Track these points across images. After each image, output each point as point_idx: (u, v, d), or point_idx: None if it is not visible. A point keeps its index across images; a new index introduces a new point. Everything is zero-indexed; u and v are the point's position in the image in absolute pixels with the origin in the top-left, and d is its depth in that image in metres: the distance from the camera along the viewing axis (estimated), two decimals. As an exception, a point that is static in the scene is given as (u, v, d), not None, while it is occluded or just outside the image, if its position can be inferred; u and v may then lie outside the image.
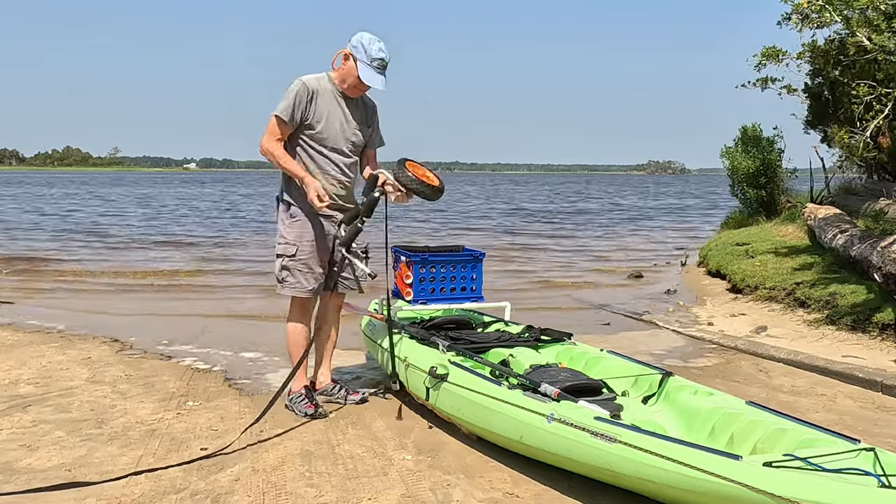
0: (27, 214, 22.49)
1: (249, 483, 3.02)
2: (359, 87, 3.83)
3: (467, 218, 22.78)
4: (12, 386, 4.41)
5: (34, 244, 13.67)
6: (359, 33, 3.79)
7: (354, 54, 3.75)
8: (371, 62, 3.73)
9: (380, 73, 3.77)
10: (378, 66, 3.75)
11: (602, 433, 2.69)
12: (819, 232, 8.02)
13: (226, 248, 13.52)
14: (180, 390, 4.36)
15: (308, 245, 3.86)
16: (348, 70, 3.78)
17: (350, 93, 3.87)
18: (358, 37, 3.77)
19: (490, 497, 2.91)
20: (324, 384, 4.17)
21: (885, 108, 6.84)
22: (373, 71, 3.74)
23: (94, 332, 6.04)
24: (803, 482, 2.19)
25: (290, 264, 3.86)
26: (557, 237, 16.24)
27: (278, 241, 3.93)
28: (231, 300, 7.92)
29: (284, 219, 3.91)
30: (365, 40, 3.74)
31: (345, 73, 3.81)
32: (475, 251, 4.58)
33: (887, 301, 5.51)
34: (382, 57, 3.75)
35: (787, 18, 7.52)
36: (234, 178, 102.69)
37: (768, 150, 11.93)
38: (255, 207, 27.38)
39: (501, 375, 3.48)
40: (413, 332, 4.10)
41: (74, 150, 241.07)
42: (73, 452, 3.36)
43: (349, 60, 3.77)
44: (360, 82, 3.78)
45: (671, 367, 4.51)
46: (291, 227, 3.88)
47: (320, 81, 3.84)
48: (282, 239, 3.90)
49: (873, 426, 3.77)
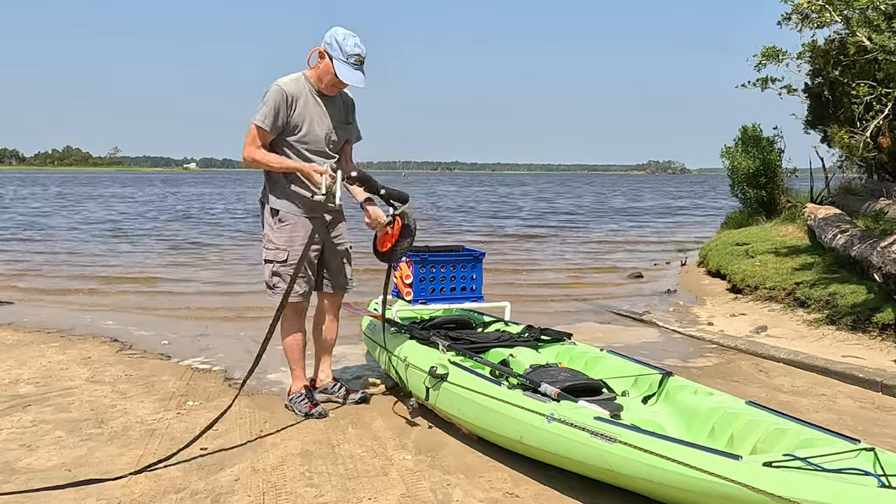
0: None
1: (249, 483, 3.02)
2: (337, 85, 3.72)
3: (467, 218, 22.77)
4: (12, 386, 4.41)
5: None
6: (332, 29, 3.66)
7: (329, 52, 3.63)
8: (347, 59, 3.60)
9: (357, 70, 3.64)
10: (355, 62, 3.62)
11: (602, 433, 2.69)
12: (819, 232, 8.02)
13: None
14: (180, 390, 4.36)
15: (298, 249, 3.79)
16: (325, 68, 3.66)
17: (328, 91, 3.76)
18: (332, 33, 3.64)
19: (490, 497, 2.91)
20: (324, 382, 4.16)
21: (885, 108, 6.84)
22: (350, 68, 3.62)
23: (94, 332, 6.04)
24: (803, 482, 2.19)
25: (282, 270, 3.79)
26: (557, 237, 16.24)
27: (266, 246, 3.84)
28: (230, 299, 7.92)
29: (272, 224, 3.82)
30: (339, 36, 3.61)
31: (321, 72, 3.70)
32: (475, 251, 4.58)
33: (887, 301, 5.51)
34: (359, 52, 3.61)
35: (787, 18, 7.52)
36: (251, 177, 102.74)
37: (768, 149, 11.93)
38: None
39: (501, 375, 3.48)
40: (413, 332, 4.11)
41: (74, 150, 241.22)
42: (73, 452, 3.36)
43: (325, 58, 3.65)
44: (337, 80, 3.66)
45: (671, 367, 4.51)
46: (281, 232, 3.80)
47: (298, 83, 3.72)
48: (270, 244, 3.82)
49: (873, 426, 3.77)
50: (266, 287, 3.88)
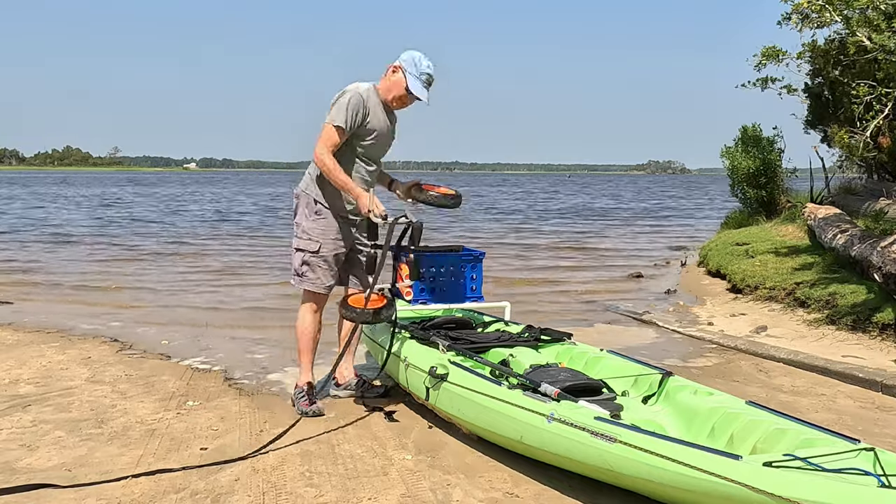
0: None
1: (249, 483, 3.02)
2: (404, 99, 3.95)
3: (466, 217, 22.76)
4: (12, 386, 4.41)
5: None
6: (408, 51, 3.95)
7: (405, 67, 3.89)
8: (420, 76, 3.89)
9: (426, 88, 3.93)
10: (425, 81, 3.91)
11: (602, 433, 2.69)
12: (819, 232, 8.02)
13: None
14: (180, 390, 4.37)
15: (331, 243, 3.96)
16: (395, 82, 3.91)
17: (394, 105, 3.99)
18: (409, 53, 3.93)
19: (490, 497, 2.91)
20: (347, 379, 4.25)
21: (885, 108, 6.84)
22: (421, 84, 3.90)
23: (94, 331, 6.04)
24: (803, 482, 2.19)
25: (312, 260, 3.95)
26: (557, 236, 16.24)
27: (299, 235, 4.00)
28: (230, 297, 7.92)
29: (308, 214, 3.98)
30: (416, 56, 3.91)
31: (391, 85, 3.93)
32: (475, 251, 4.58)
33: (887, 301, 5.51)
34: (430, 73, 3.92)
35: (787, 18, 7.52)
36: (265, 177, 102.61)
37: (768, 149, 11.93)
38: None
39: (501, 375, 3.48)
40: (413, 332, 4.11)
41: (74, 149, 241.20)
42: (73, 452, 3.36)
43: (397, 73, 3.91)
44: (407, 94, 3.91)
45: (671, 367, 4.51)
46: (316, 223, 3.96)
47: (370, 92, 3.94)
48: (304, 234, 3.98)
49: (873, 426, 3.78)
50: (294, 274, 4.03)
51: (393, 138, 4.14)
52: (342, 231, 4.00)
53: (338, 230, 3.98)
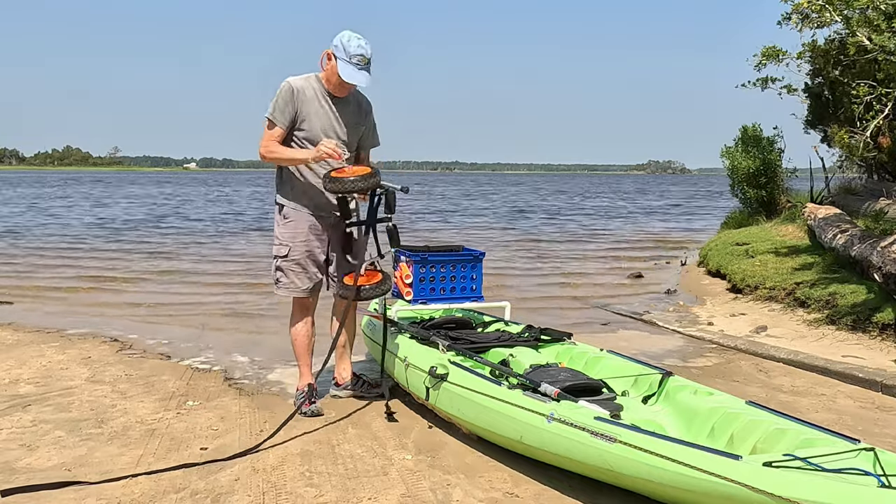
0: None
1: (249, 483, 3.02)
2: (343, 85, 3.83)
3: (466, 217, 22.77)
4: (12, 385, 4.41)
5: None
6: (340, 33, 3.79)
7: (335, 53, 3.76)
8: (350, 59, 3.72)
9: (362, 70, 3.76)
10: (358, 63, 3.74)
11: (602, 433, 2.69)
12: (819, 232, 8.01)
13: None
14: (180, 390, 4.37)
15: (301, 245, 3.92)
16: (331, 69, 3.80)
17: (337, 92, 3.87)
18: (339, 36, 3.78)
19: (490, 497, 2.91)
20: (345, 379, 4.23)
21: (885, 108, 6.83)
22: (353, 68, 3.74)
23: (94, 332, 6.04)
24: (803, 482, 2.19)
25: (284, 265, 3.93)
26: (557, 236, 16.23)
27: (273, 242, 4.00)
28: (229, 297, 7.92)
29: (278, 220, 3.97)
30: (344, 38, 3.74)
31: (328, 73, 3.83)
32: (475, 251, 4.58)
33: (887, 301, 5.51)
34: (362, 53, 3.73)
35: (787, 18, 7.51)
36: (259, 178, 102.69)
37: (768, 149, 11.92)
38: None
39: (501, 375, 3.48)
40: (413, 332, 4.11)
41: (74, 149, 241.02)
42: (72, 452, 3.36)
43: (332, 60, 3.78)
44: (342, 80, 3.77)
45: (671, 366, 4.51)
46: (284, 228, 3.94)
47: (307, 81, 3.87)
48: (276, 240, 3.98)
49: (873, 426, 3.78)
50: (273, 282, 4.02)
51: (356, 126, 3.97)
52: (313, 231, 3.93)
53: (307, 231, 3.92)
